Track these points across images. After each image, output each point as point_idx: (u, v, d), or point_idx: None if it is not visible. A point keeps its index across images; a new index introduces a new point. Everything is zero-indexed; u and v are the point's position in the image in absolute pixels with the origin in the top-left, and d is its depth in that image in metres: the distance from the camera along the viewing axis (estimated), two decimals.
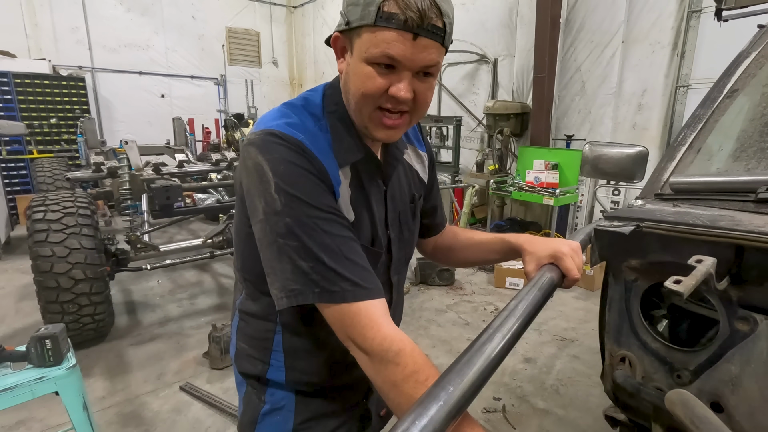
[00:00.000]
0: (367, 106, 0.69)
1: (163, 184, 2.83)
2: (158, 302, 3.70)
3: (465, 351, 0.61)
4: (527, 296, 0.69)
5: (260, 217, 0.69)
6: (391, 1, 0.61)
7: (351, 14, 0.65)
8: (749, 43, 1.26)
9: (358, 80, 0.67)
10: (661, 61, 4.00)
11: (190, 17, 8.03)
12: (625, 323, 1.06)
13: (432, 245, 1.11)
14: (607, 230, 0.97)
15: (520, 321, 0.64)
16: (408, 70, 0.65)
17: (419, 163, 0.96)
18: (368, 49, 0.64)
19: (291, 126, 0.71)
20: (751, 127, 1.14)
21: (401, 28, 0.61)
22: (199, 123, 7.84)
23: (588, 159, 1.64)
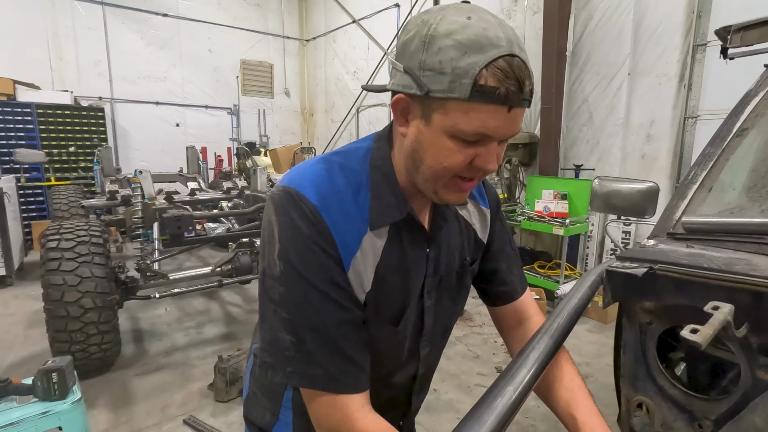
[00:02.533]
0: (446, 177, 0.63)
1: (175, 214, 2.87)
2: (165, 330, 3.68)
3: (481, 399, 0.60)
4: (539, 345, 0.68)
5: (260, 277, 0.68)
6: (486, 71, 0.54)
7: (432, 82, 0.56)
8: (756, 83, 1.27)
9: (439, 154, 0.61)
10: (668, 92, 4.03)
11: (207, 50, 8.35)
12: (641, 367, 1.03)
13: (501, 321, 0.94)
14: (619, 271, 0.96)
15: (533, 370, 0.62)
16: (496, 141, 0.60)
17: (480, 220, 0.86)
18: (457, 124, 0.57)
19: (313, 185, 0.66)
20: (762, 166, 1.13)
21: (501, 102, 0.55)
22: (212, 151, 8.02)
23: (598, 194, 1.63)
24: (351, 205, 0.67)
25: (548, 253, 4.93)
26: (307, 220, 0.64)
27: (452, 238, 0.80)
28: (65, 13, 6.84)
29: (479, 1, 3.01)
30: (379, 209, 0.68)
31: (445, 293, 0.81)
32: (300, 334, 0.63)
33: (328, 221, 0.64)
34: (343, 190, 0.67)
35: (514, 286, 0.91)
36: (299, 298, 0.63)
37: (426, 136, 0.61)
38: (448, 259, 0.79)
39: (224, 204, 4.64)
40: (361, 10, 7.91)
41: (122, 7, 7.34)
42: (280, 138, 9.39)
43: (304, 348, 0.63)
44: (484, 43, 0.54)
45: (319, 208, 0.64)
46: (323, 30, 8.99)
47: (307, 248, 0.63)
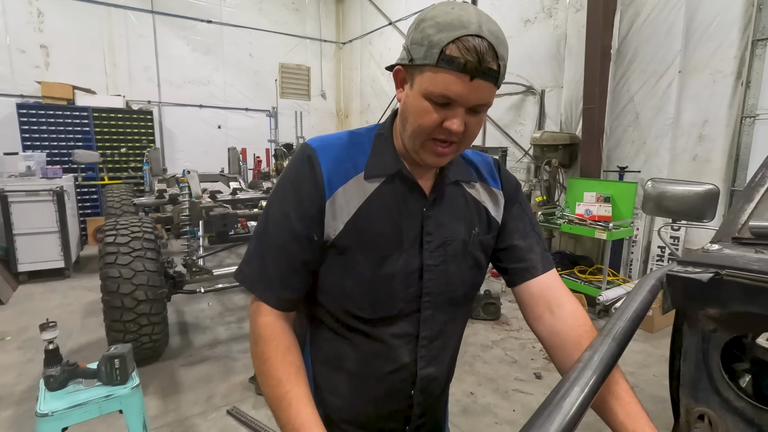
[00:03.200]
0: (421, 136, 0.75)
1: (221, 212, 2.99)
2: (208, 324, 3.84)
3: (542, 406, 0.60)
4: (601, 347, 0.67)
5: None
6: (453, 45, 0.66)
7: (415, 52, 0.70)
8: None
9: (416, 113, 0.73)
10: (723, 90, 3.81)
11: (248, 55, 8.63)
12: (703, 377, 0.98)
13: (527, 307, 0.91)
14: (682, 276, 0.92)
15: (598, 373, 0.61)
16: (461, 107, 0.71)
17: (491, 200, 0.93)
18: (428, 87, 0.70)
19: (321, 138, 0.84)
20: None
21: (460, 70, 0.66)
22: (251, 152, 8.28)
23: (651, 196, 1.57)
24: (345, 153, 0.82)
25: (589, 257, 4.78)
26: (300, 164, 0.81)
27: (458, 209, 0.88)
28: (119, 23, 7.26)
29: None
30: (375, 163, 0.82)
31: (451, 258, 0.86)
32: (253, 241, 0.83)
33: (321, 159, 0.80)
34: (343, 143, 0.84)
35: (533, 263, 0.90)
36: (264, 215, 0.83)
37: (410, 98, 0.74)
38: (454, 225, 0.86)
39: (264, 203, 4.77)
40: (397, 12, 7.95)
41: (170, 15, 7.71)
42: None
43: (249, 252, 0.83)
44: (456, 25, 0.66)
45: (316, 150, 0.81)
46: (359, 33, 9.10)
47: (286, 185, 0.81)
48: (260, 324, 0.80)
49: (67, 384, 1.58)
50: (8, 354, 3.26)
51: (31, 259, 4.80)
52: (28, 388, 2.78)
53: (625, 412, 0.73)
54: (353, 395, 0.89)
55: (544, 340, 0.88)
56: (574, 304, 0.87)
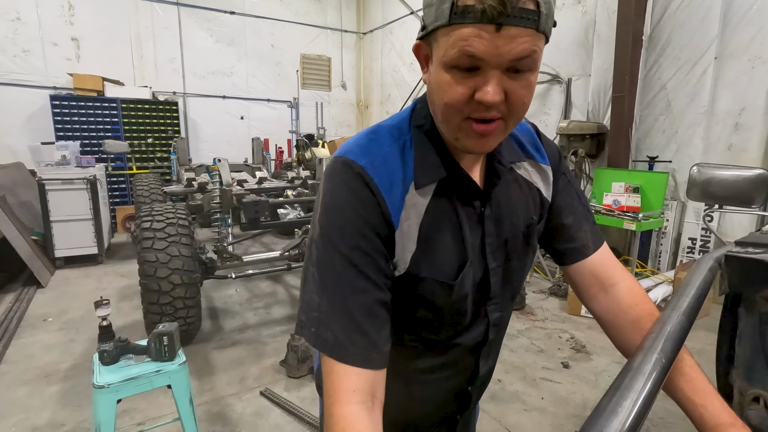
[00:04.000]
0: (454, 117, 0.61)
1: (254, 199, 3.06)
2: (237, 310, 3.93)
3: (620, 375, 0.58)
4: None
5: (307, 241, 0.71)
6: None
7: (426, 17, 0.58)
8: None
9: (440, 89, 0.60)
10: (762, 77, 3.68)
11: (270, 46, 8.68)
12: (759, 359, 0.98)
13: (580, 287, 0.86)
14: (741, 257, 0.92)
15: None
16: (495, 69, 0.55)
17: (542, 179, 0.82)
18: (446, 52, 0.56)
19: (360, 149, 0.68)
20: None
21: (479, 20, 0.52)
22: (273, 143, 8.38)
23: (696, 182, 1.55)
24: (397, 164, 0.68)
25: (616, 249, 4.71)
26: (350, 186, 0.66)
27: (513, 198, 0.78)
28: (145, 15, 7.38)
29: None
30: (423, 168, 0.68)
31: (513, 254, 0.78)
32: (322, 295, 0.65)
33: (377, 180, 0.66)
34: (390, 151, 0.69)
35: (584, 241, 0.84)
36: (326, 260, 0.65)
37: (432, 74, 0.61)
38: (512, 219, 0.77)
39: (289, 192, 4.85)
40: (419, 1, 7.87)
41: (195, 7, 7.80)
42: (336, 130, 9.60)
43: (322, 309, 0.64)
44: None
45: (367, 168, 0.66)
46: (380, 22, 9.04)
47: (339, 212, 0.65)
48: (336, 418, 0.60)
49: (119, 359, 1.66)
50: (51, 334, 3.41)
51: (67, 245, 4.98)
52: (72, 366, 2.91)
53: (692, 387, 0.70)
54: (408, 399, 0.85)
55: (601, 319, 0.85)
56: (630, 281, 0.83)
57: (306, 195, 4.61)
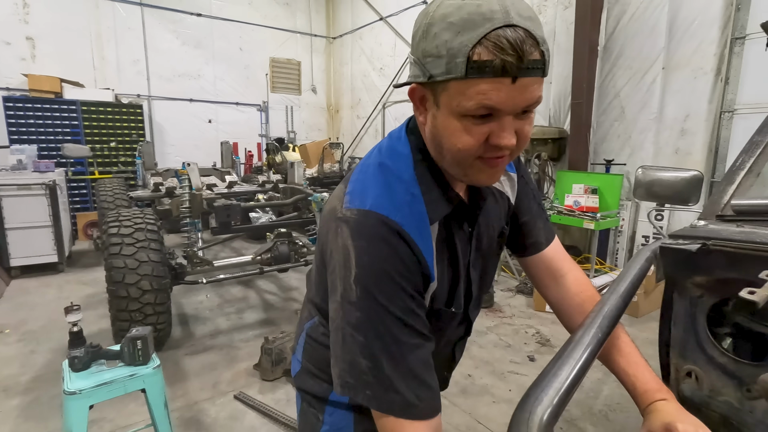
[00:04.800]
0: (467, 159, 0.64)
1: (225, 203, 3.05)
2: (208, 315, 3.88)
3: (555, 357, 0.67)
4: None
5: (337, 299, 0.68)
6: (480, 47, 0.53)
7: (432, 67, 0.58)
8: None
9: (452, 136, 0.61)
10: (704, 87, 4.00)
11: (238, 49, 8.59)
12: (691, 338, 1.11)
13: (535, 277, 0.97)
14: (673, 248, 1.04)
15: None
16: (509, 115, 0.59)
17: (511, 186, 0.89)
18: (460, 103, 0.57)
19: (386, 200, 0.67)
20: None
21: (498, 75, 0.54)
22: (242, 146, 8.28)
23: (641, 182, 1.69)
24: (420, 208, 0.69)
25: (577, 247, 4.96)
26: (391, 245, 0.65)
27: (491, 213, 0.83)
28: (107, 15, 7.16)
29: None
30: (432, 202, 0.70)
31: (489, 262, 0.87)
32: (377, 359, 0.64)
33: (414, 235, 0.66)
34: (410, 196, 0.69)
35: (538, 237, 0.93)
36: (376, 324, 0.64)
37: (439, 120, 0.62)
38: (489, 231, 0.84)
39: (260, 196, 4.83)
40: (388, 8, 8.01)
41: (159, 8, 7.63)
42: (307, 134, 9.59)
43: (382, 373, 0.64)
44: (477, 20, 0.54)
45: (403, 224, 0.66)
46: (350, 27, 9.12)
47: (384, 274, 0.64)
48: None
49: (90, 365, 1.64)
50: (9, 346, 3.26)
51: (24, 254, 4.76)
52: (34, 378, 2.80)
53: (626, 361, 0.82)
54: None
55: (553, 306, 0.96)
56: (577, 272, 0.95)
57: (278, 199, 4.61)
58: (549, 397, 0.58)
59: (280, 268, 3.72)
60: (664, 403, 0.74)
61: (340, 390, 0.68)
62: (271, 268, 3.68)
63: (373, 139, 8.81)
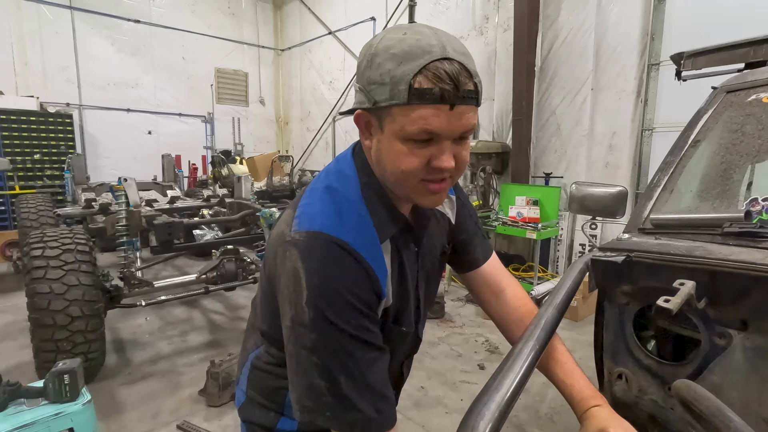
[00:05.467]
0: (410, 181, 0.67)
1: (166, 221, 2.89)
2: (147, 340, 3.64)
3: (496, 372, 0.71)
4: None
5: (288, 324, 0.68)
6: (420, 76, 0.59)
7: (377, 93, 0.62)
8: (706, 102, 1.49)
9: (396, 159, 0.65)
10: (627, 107, 4.39)
11: (180, 58, 8.26)
12: (620, 343, 1.20)
13: (477, 293, 1.01)
14: (602, 260, 1.13)
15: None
16: (447, 139, 0.63)
17: (450, 207, 0.95)
18: (403, 127, 0.62)
19: (335, 221, 0.69)
20: (713, 172, 1.34)
21: (438, 101, 0.59)
22: (185, 159, 7.92)
23: (575, 197, 1.82)
24: (368, 229, 0.71)
25: (521, 256, 5.20)
26: (342, 265, 0.66)
27: (433, 233, 0.87)
28: (31, 17, 6.63)
29: (454, 17, 3.41)
30: (381, 223, 0.72)
31: (431, 279, 0.91)
32: (334, 378, 0.64)
33: (365, 254, 0.68)
34: (358, 218, 0.71)
35: (475, 254, 0.98)
36: (331, 343, 0.64)
37: (383, 144, 0.66)
38: (432, 250, 0.87)
39: (205, 211, 4.63)
40: (337, 22, 8.08)
41: (92, 12, 7.19)
42: (255, 146, 9.37)
43: (340, 392, 0.64)
44: (417, 52, 0.59)
45: (354, 244, 0.67)
46: (299, 40, 9.10)
47: (336, 293, 0.64)
48: None
49: (8, 406, 1.48)
50: None
51: None
52: None
53: (563, 371, 0.88)
54: None
55: (494, 320, 1.01)
56: (514, 287, 1.00)
57: (224, 214, 4.44)
58: (491, 411, 0.61)
59: (227, 286, 3.57)
60: (599, 409, 0.79)
61: (299, 415, 0.67)
62: (218, 287, 3.53)
63: (324, 152, 8.78)
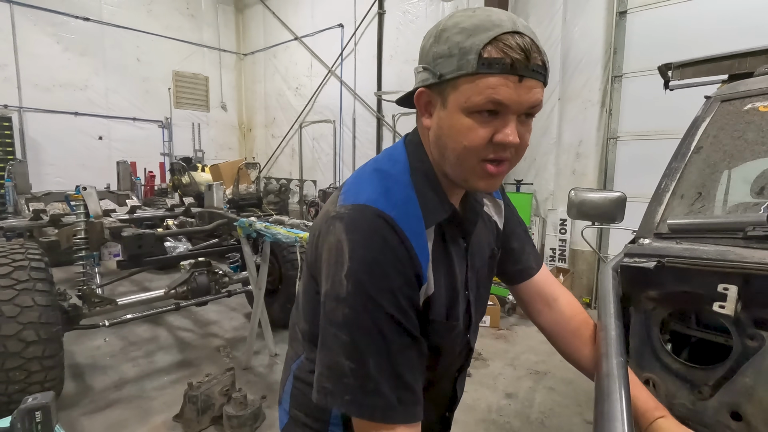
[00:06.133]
0: (471, 159, 0.64)
1: (136, 232, 2.65)
2: (109, 363, 3.33)
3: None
4: None
5: (322, 297, 0.65)
6: (491, 46, 0.58)
7: (443, 67, 0.62)
8: (701, 110, 1.56)
9: (458, 134, 0.63)
10: (592, 116, 4.60)
11: (135, 59, 7.81)
12: (646, 348, 1.20)
13: (528, 304, 0.97)
14: (632, 266, 1.12)
15: None
16: (513, 114, 0.61)
17: (497, 212, 0.93)
18: (469, 98, 0.60)
19: (382, 196, 0.67)
20: (717, 177, 1.39)
21: (507, 72, 0.58)
22: (141, 166, 7.46)
23: (574, 203, 1.84)
24: (415, 211, 0.68)
25: None
26: (385, 239, 0.63)
27: (481, 232, 0.85)
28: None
29: (424, 26, 3.51)
30: (427, 208, 0.69)
31: (482, 284, 0.86)
32: (362, 359, 0.61)
33: (408, 232, 0.64)
34: (405, 199, 0.68)
35: (529, 263, 0.96)
36: (365, 320, 0.61)
37: (445, 120, 0.64)
38: (480, 252, 0.84)
39: (170, 222, 4.35)
40: (303, 28, 7.95)
41: (35, 8, 6.64)
42: (217, 153, 9.00)
43: (365, 373, 0.61)
44: (488, 25, 0.59)
45: (398, 219, 0.64)
46: (262, 45, 8.87)
47: (379, 268, 0.62)
48: None
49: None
50: None
51: None
52: None
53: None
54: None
55: (546, 331, 0.97)
56: (569, 296, 0.97)
57: (191, 224, 4.19)
58: None
59: (200, 301, 3.35)
60: (664, 420, 0.77)
61: (317, 397, 0.64)
62: (189, 303, 3.30)
63: (290, 159, 8.57)
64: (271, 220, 3.25)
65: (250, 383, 3.02)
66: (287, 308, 3.83)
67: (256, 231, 2.90)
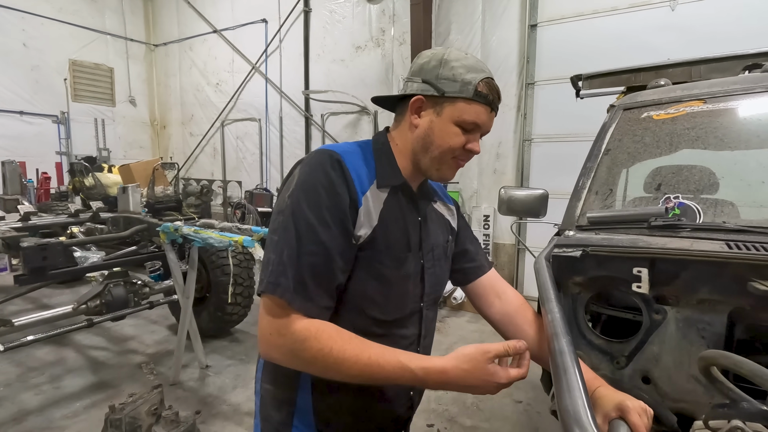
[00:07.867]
0: (448, 156, 0.88)
1: (39, 243, 2.32)
2: (3, 393, 2.89)
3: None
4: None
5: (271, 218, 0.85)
6: (482, 83, 0.84)
7: (447, 87, 0.84)
8: (608, 117, 1.78)
9: (447, 136, 0.86)
10: (510, 120, 4.98)
11: (20, 44, 6.83)
12: (574, 328, 1.34)
13: (479, 298, 1.11)
14: (562, 255, 1.25)
15: None
16: (479, 133, 0.89)
17: (449, 214, 1.11)
18: (461, 115, 0.85)
19: (338, 148, 0.87)
20: (624, 176, 1.60)
21: (488, 104, 0.86)
22: (32, 167, 6.55)
23: (504, 200, 1.99)
24: (363, 163, 0.88)
25: None
26: (325, 168, 0.81)
27: (436, 220, 1.03)
28: None
29: (351, 27, 3.64)
30: (384, 173, 0.90)
31: (437, 261, 1.00)
32: (280, 250, 0.78)
33: (349, 166, 0.83)
34: (357, 152, 0.90)
35: (482, 262, 1.14)
36: (290, 225, 0.78)
37: (437, 124, 0.87)
38: (436, 233, 1.01)
39: (75, 229, 3.89)
40: (222, 20, 7.55)
41: None
42: (125, 152, 8.20)
43: (280, 260, 0.77)
44: (478, 68, 0.86)
45: (342, 156, 0.84)
46: (176, 36, 8.26)
47: (314, 189, 0.80)
48: (298, 329, 0.76)
49: None
50: None
51: None
52: None
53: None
54: (357, 413, 0.92)
55: (497, 321, 1.08)
56: (513, 289, 1.14)
57: (102, 231, 3.79)
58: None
59: (116, 315, 3.04)
60: (603, 388, 0.87)
61: (257, 290, 0.80)
62: (104, 318, 2.97)
63: (211, 158, 8.09)
64: (199, 223, 3.06)
65: (180, 399, 2.81)
66: (217, 316, 3.62)
67: (183, 236, 2.72)
